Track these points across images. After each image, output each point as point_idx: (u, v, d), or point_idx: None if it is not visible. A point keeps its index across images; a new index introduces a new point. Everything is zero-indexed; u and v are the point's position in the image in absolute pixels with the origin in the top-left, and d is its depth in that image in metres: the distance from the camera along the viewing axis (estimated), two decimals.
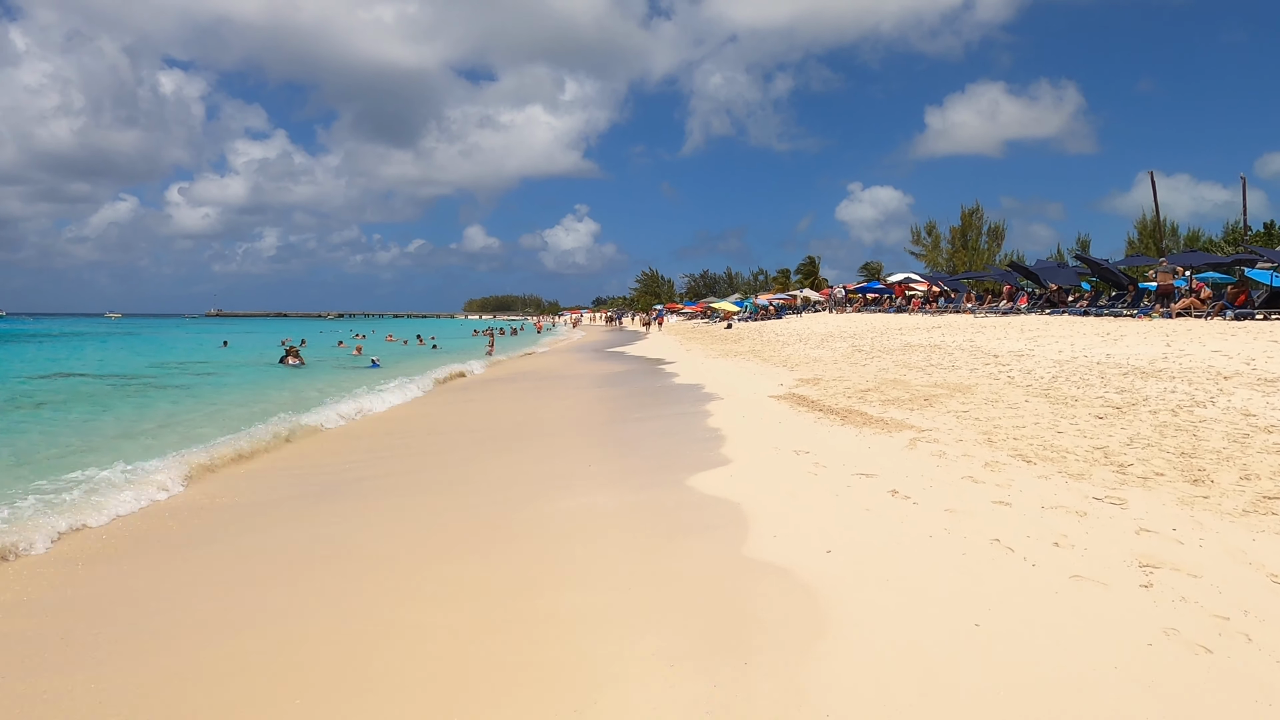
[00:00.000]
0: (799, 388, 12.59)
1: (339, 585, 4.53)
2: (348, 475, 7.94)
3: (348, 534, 5.73)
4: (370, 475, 7.94)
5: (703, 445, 8.11)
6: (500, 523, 5.76)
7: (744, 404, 11.24)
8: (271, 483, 7.80)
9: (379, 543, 5.44)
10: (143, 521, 6.26)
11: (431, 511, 6.29)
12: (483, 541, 5.32)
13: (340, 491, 7.23)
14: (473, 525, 5.77)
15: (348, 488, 7.37)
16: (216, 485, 7.60)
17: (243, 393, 16.64)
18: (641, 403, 13.50)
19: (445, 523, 5.94)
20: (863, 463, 6.57)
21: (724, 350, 25.69)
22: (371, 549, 5.27)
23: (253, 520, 6.33)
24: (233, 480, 7.87)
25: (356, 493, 7.18)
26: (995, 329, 21.31)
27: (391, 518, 6.14)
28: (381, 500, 6.84)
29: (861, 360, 16.56)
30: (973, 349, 16.21)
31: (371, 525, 5.95)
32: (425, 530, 5.74)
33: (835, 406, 10.01)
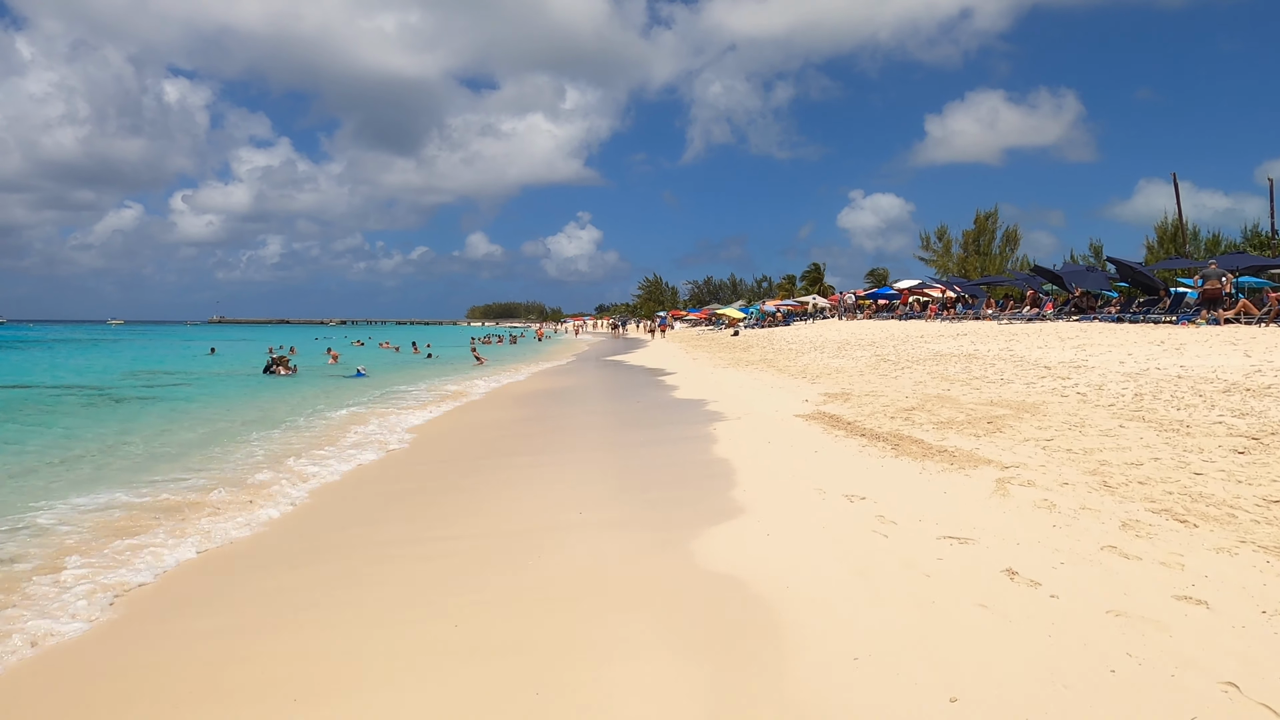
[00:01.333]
0: (828, 405, 10.89)
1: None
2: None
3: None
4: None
5: (709, 485, 6.42)
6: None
7: (765, 425, 9.54)
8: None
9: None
10: None
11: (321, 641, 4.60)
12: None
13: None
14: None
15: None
16: None
17: (208, 408, 14.98)
18: (638, 421, 11.80)
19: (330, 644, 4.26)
20: (945, 516, 4.88)
21: (733, 359, 24.00)
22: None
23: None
24: None
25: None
26: (1029, 336, 19.62)
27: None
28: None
29: (891, 372, 14.86)
30: (1015, 359, 14.51)
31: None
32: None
33: (879, 430, 8.31)
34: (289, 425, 11.96)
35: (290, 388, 19.21)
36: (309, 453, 9.41)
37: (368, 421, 12.44)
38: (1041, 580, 3.69)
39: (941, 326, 27.38)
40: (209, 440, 10.58)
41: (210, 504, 6.77)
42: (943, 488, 5.65)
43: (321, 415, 13.30)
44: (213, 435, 11.10)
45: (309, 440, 10.49)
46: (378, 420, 12.60)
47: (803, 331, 36.23)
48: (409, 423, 12.26)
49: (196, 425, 12.25)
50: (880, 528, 4.77)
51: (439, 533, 5.68)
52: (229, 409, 14.67)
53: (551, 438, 10.51)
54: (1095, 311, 26.21)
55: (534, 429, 11.67)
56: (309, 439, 10.61)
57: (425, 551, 5.16)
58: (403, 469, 8.63)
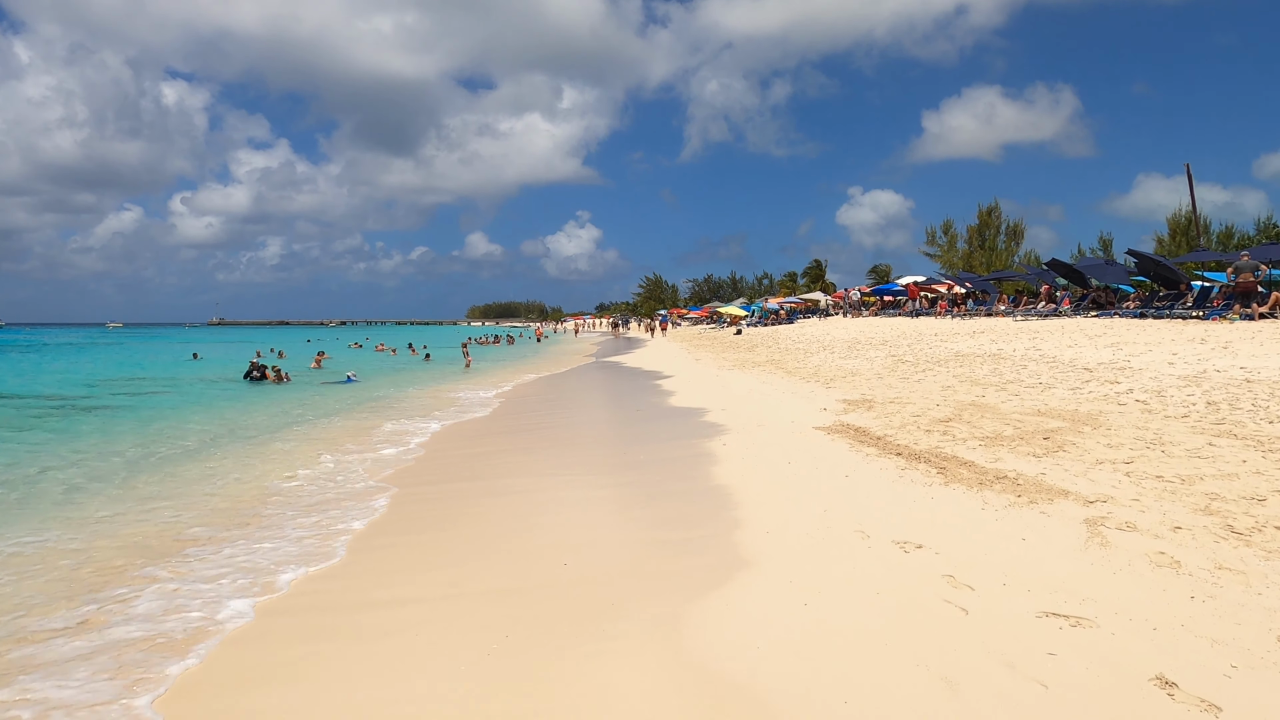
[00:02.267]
0: (850, 414, 9.75)
1: None
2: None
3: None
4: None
5: (712, 525, 5.28)
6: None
7: (782, 440, 8.40)
8: None
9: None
10: None
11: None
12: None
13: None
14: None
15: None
16: None
17: (166, 421, 13.86)
18: (632, 436, 10.66)
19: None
20: (1036, 577, 3.74)
21: (738, 360, 22.84)
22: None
23: None
24: None
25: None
26: (1052, 334, 18.47)
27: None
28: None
29: (911, 374, 13.72)
30: (1047, 359, 13.37)
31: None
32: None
33: (917, 447, 7.17)
34: (217, 483, 10.35)
35: (270, 397, 18.08)
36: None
37: (343, 447, 11.31)
38: (1220, 702, 2.55)
39: (954, 324, 26.22)
40: (142, 464, 9.45)
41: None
42: (1017, 530, 4.51)
43: (286, 436, 12.17)
44: (145, 461, 9.98)
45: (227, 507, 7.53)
46: (346, 452, 11.47)
47: (808, 330, 35.07)
48: (384, 455, 10.01)
49: (152, 442, 11.13)
50: (953, 595, 3.63)
51: (393, 593, 4.55)
52: (191, 421, 13.54)
53: (525, 458, 9.37)
54: (1115, 307, 25.09)
55: (508, 448, 10.54)
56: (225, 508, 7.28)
57: (377, 622, 4.03)
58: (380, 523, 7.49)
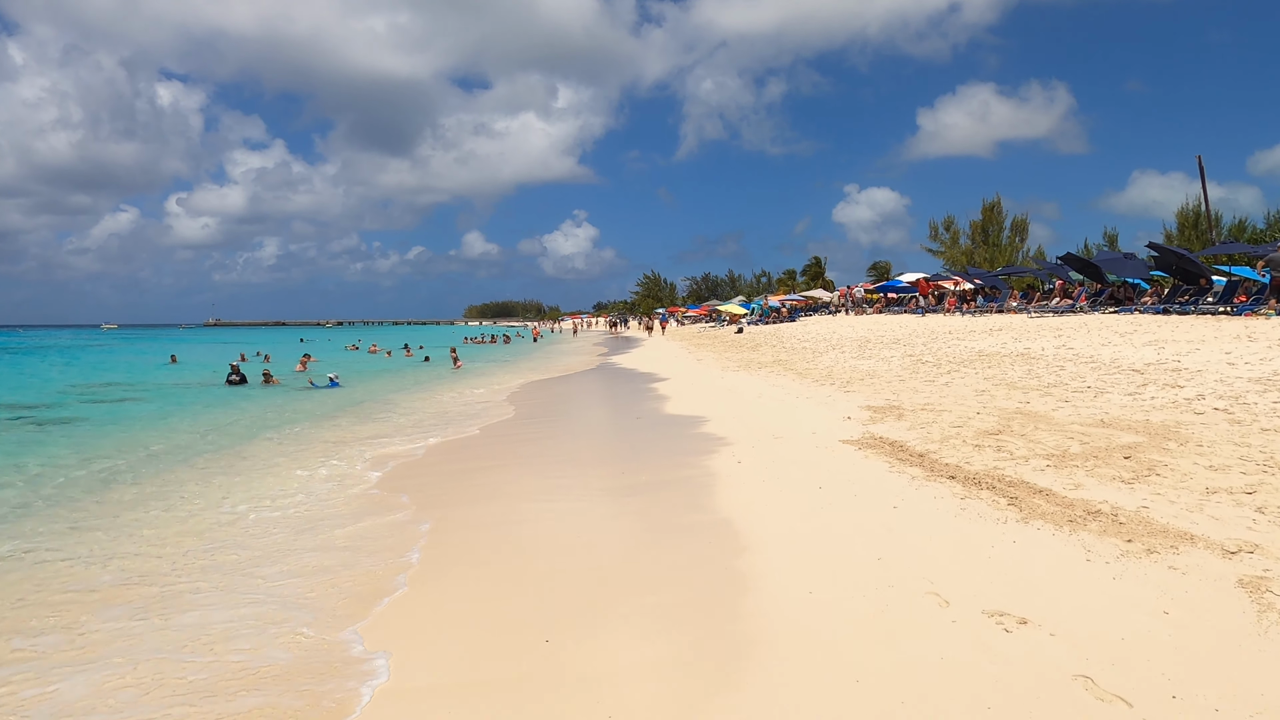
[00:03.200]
0: (878, 423, 8.66)
1: None
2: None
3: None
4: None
5: (722, 592, 4.18)
6: None
7: (807, 455, 7.31)
8: None
9: None
10: None
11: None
12: None
13: None
14: None
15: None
16: None
17: (128, 432, 12.75)
18: (629, 451, 9.55)
19: None
20: (1211, 681, 2.66)
21: (743, 360, 21.75)
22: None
23: None
24: None
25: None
26: (1077, 331, 17.40)
27: None
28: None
29: (936, 376, 12.64)
30: (1085, 360, 12.29)
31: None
32: None
33: (969, 467, 6.08)
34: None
35: (245, 403, 16.96)
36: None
37: (293, 471, 10.19)
38: None
39: (967, 321, 25.18)
40: (72, 488, 8.33)
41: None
42: (1150, 596, 3.42)
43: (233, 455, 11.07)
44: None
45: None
46: (310, 468, 10.35)
47: (812, 328, 33.99)
48: (318, 490, 7.67)
49: (101, 458, 10.01)
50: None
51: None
52: (154, 431, 12.43)
53: (505, 479, 8.27)
54: (1133, 302, 24.06)
55: (489, 464, 9.44)
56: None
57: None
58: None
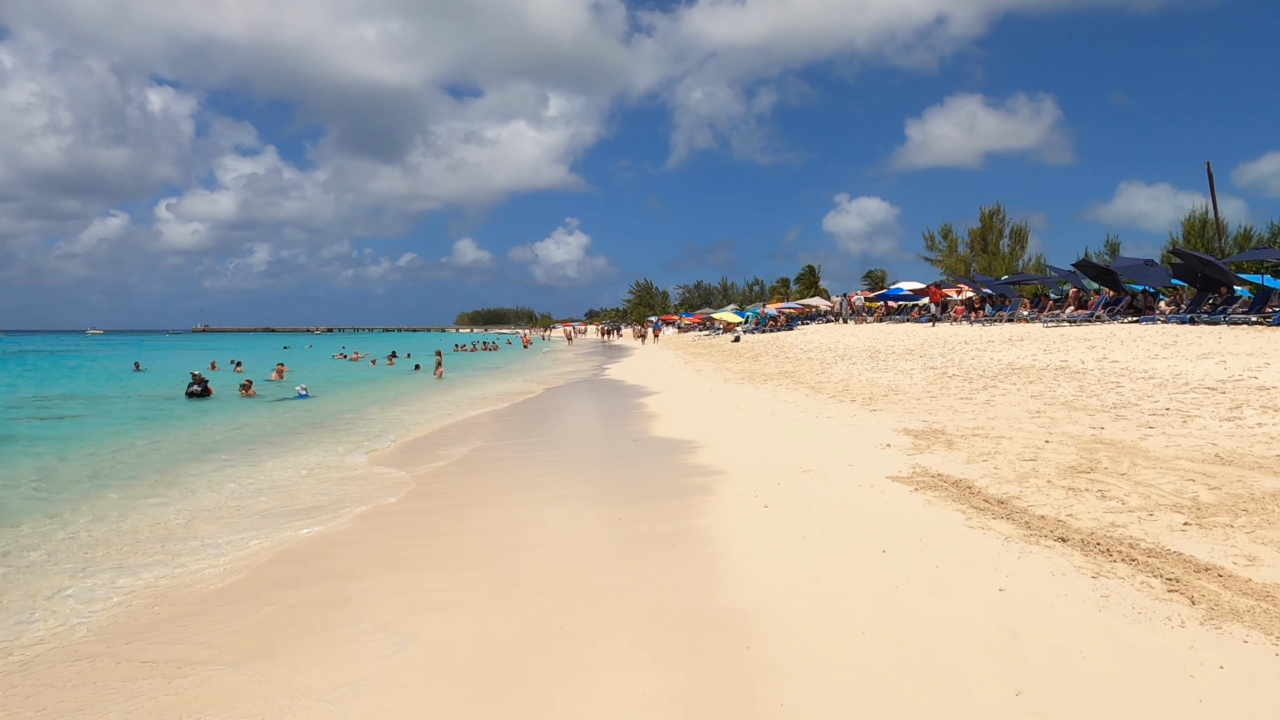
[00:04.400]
0: (925, 452, 7.20)
1: None
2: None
3: None
4: None
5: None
6: None
7: (845, 496, 5.83)
8: None
9: None
10: None
11: None
12: None
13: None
14: None
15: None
16: None
17: (56, 453, 11.19)
18: (617, 492, 8.06)
19: None
20: None
21: (744, 371, 20.29)
22: None
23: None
24: None
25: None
26: (1109, 342, 15.99)
27: None
28: None
29: (971, 393, 11.20)
30: (1139, 375, 10.88)
31: None
32: None
33: (1076, 523, 4.61)
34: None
35: (201, 419, 15.38)
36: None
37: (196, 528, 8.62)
38: None
39: (979, 330, 23.80)
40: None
41: None
42: None
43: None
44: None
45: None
46: (226, 519, 8.78)
47: (813, 337, 32.56)
48: (215, 551, 6.95)
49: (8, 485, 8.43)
50: None
51: None
52: (83, 453, 10.87)
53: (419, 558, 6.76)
54: (1154, 311, 22.77)
55: (407, 535, 7.92)
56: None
57: None
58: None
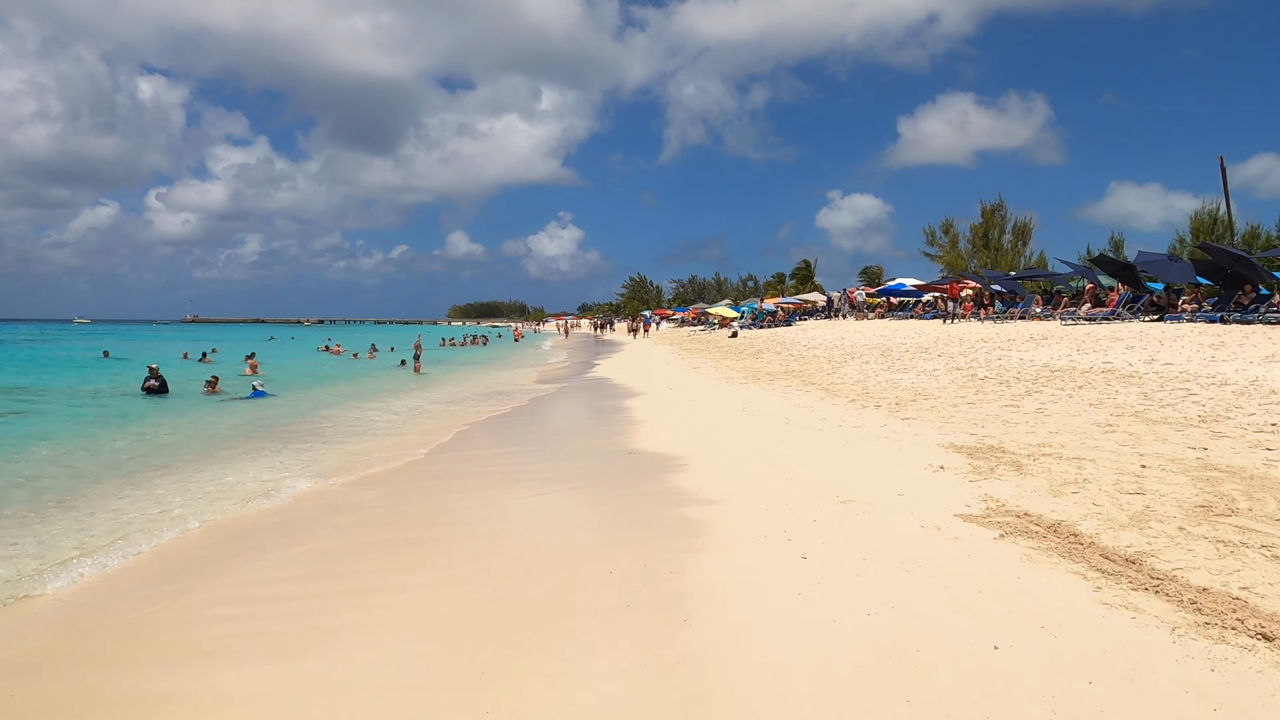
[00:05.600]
0: (989, 478, 5.83)
1: None
2: None
3: None
4: None
5: None
6: None
7: (912, 543, 4.46)
8: None
9: None
10: None
11: None
12: None
13: None
14: None
15: None
16: None
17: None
18: (600, 553, 6.65)
19: None
20: None
21: (747, 369, 18.90)
22: None
23: None
24: None
25: None
26: (1145, 342, 14.67)
27: None
28: None
29: (1015, 400, 9.82)
30: (1207, 380, 9.54)
31: None
32: None
33: (1263, 606, 3.28)
34: None
35: (143, 419, 13.90)
36: None
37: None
38: None
39: (995, 328, 22.46)
40: None
41: None
42: None
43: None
44: None
45: None
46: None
47: (814, 333, 31.19)
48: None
49: None
50: None
51: None
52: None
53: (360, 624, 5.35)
54: (1176, 309, 21.48)
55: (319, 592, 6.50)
56: None
57: None
58: None
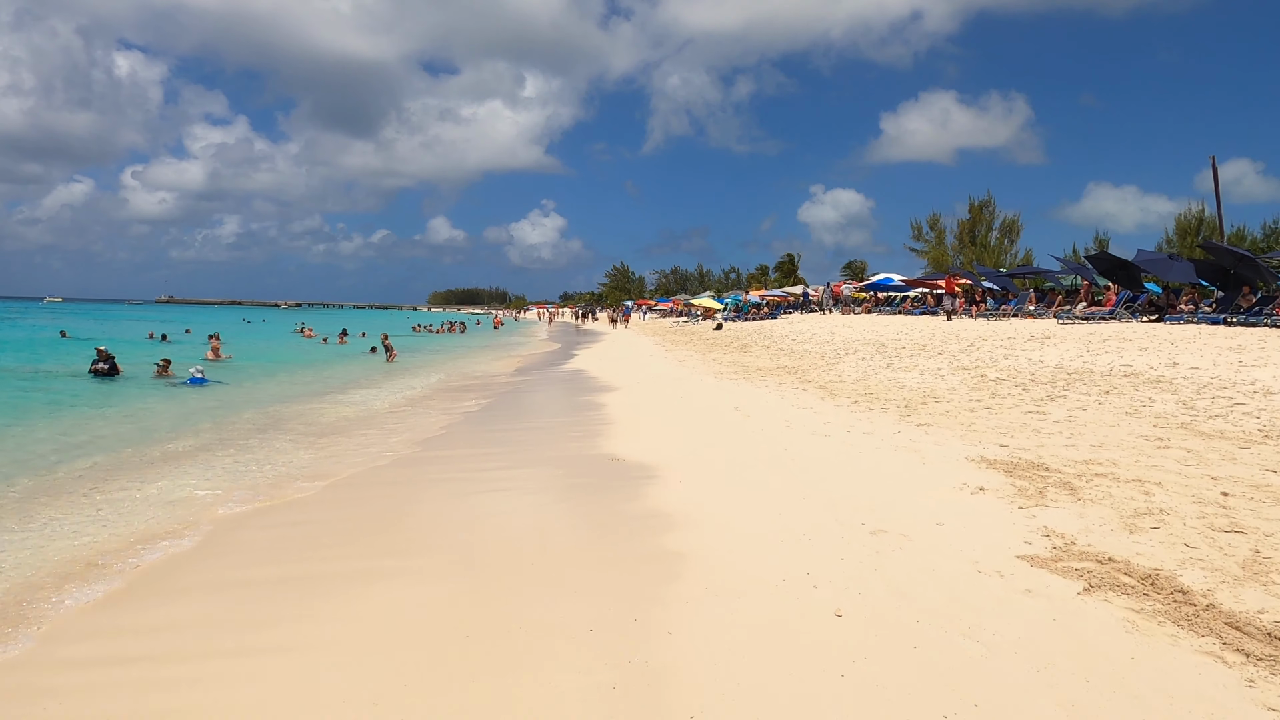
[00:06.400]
0: (1042, 505, 4.88)
1: None
2: None
3: None
4: None
5: None
6: None
7: (981, 602, 3.51)
8: None
9: None
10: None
11: None
12: None
13: None
14: None
15: None
16: None
17: None
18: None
19: None
20: None
21: (736, 364, 17.94)
22: None
23: None
24: None
25: None
26: (1159, 343, 13.89)
27: None
28: None
29: (1038, 405, 8.92)
30: (1246, 387, 8.68)
31: None
32: None
33: None
34: None
35: (73, 406, 12.68)
36: None
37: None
38: None
39: (991, 326, 21.66)
40: None
41: None
42: None
43: None
44: None
45: None
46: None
47: (801, 326, 30.29)
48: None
49: None
50: None
51: None
52: None
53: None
54: (1176, 310, 20.77)
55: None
56: None
57: None
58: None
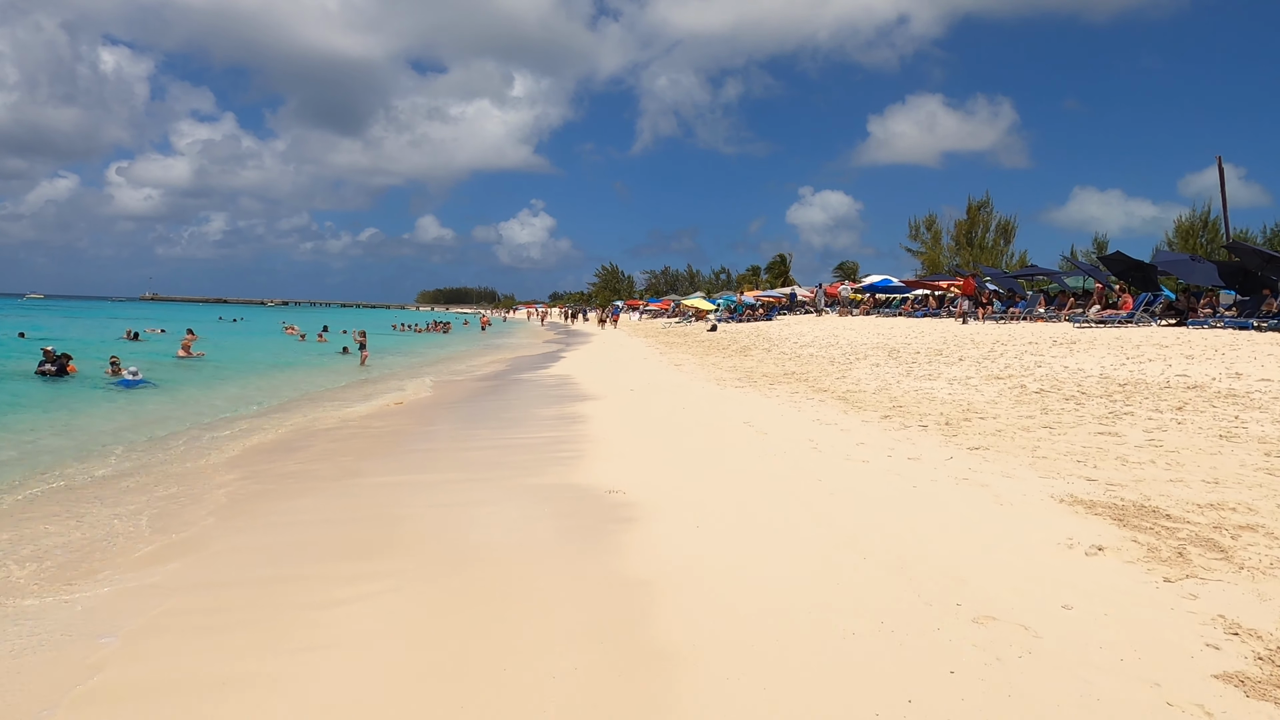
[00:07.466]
0: (1190, 572, 3.64)
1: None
2: None
3: None
4: None
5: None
6: None
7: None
8: None
9: None
10: None
11: None
12: None
13: None
14: None
15: None
16: None
17: None
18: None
19: None
20: None
21: (737, 369, 16.68)
22: None
23: None
24: None
25: None
26: (1203, 350, 12.74)
27: None
28: None
29: (1105, 424, 7.70)
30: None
31: None
32: None
33: None
34: None
35: (9, 410, 11.31)
36: None
37: None
38: None
39: (1006, 329, 20.54)
40: None
41: None
42: None
43: None
44: None
45: None
46: None
47: (799, 329, 29.07)
48: None
49: None
50: None
51: None
52: None
53: None
54: (1197, 314, 19.71)
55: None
56: None
57: None
58: None
